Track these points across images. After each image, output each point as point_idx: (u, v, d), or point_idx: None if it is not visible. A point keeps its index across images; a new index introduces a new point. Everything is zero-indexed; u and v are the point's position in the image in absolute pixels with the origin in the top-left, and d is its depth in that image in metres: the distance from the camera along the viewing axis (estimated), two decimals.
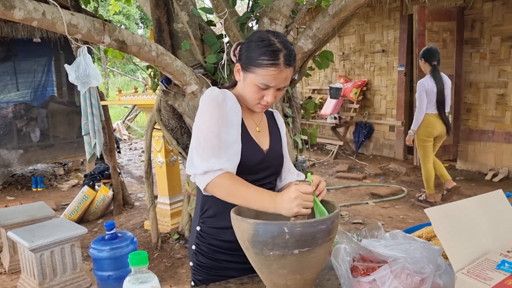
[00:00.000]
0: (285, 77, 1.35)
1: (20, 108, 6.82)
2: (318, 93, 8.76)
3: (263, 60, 1.32)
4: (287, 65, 1.34)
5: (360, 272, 1.19)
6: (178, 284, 3.40)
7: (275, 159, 1.53)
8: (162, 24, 3.19)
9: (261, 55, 1.32)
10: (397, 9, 7.03)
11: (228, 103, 1.39)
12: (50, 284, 3.25)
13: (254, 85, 1.36)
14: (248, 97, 1.41)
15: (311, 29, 3.10)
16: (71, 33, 2.28)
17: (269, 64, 1.32)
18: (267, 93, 1.37)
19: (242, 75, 1.40)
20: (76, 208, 4.90)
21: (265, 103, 1.39)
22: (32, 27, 5.93)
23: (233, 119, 1.38)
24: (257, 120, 1.52)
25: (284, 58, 1.33)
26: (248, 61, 1.36)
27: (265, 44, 1.33)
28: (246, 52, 1.37)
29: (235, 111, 1.39)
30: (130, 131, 12.33)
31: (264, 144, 1.49)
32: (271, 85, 1.35)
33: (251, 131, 1.46)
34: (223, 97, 1.39)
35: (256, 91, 1.37)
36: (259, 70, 1.33)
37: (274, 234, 1.11)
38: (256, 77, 1.34)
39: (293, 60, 1.36)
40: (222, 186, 1.31)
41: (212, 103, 1.37)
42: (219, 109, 1.36)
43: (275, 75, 1.33)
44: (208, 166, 1.31)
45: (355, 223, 4.55)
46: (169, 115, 3.54)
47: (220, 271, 1.47)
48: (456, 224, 1.14)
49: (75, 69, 4.05)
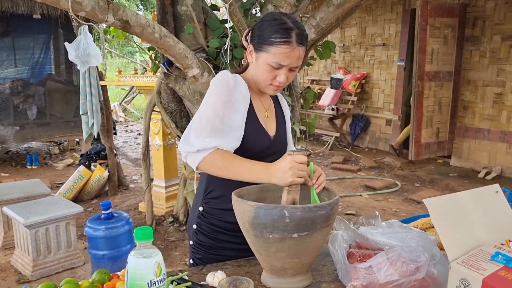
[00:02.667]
0: (297, 56, 1.36)
1: (18, 84, 6.77)
2: (317, 83, 8.76)
3: (276, 38, 1.33)
4: (299, 44, 1.34)
5: (356, 258, 1.22)
6: (171, 266, 3.44)
7: (281, 144, 1.55)
8: (166, 6, 3.17)
9: (274, 33, 1.33)
10: (400, 3, 7.01)
11: (239, 88, 1.39)
12: (44, 261, 3.27)
13: (267, 65, 1.36)
14: (260, 77, 1.41)
15: (315, 18, 3.09)
16: (75, 10, 2.27)
17: (282, 42, 1.32)
18: (280, 72, 1.37)
19: (255, 55, 1.40)
20: (71, 187, 4.90)
21: (277, 83, 1.40)
22: (33, 3, 5.87)
23: (241, 106, 1.39)
24: (266, 105, 1.53)
25: (297, 36, 1.34)
26: (260, 40, 1.37)
27: (278, 23, 1.34)
28: (258, 31, 1.38)
29: (244, 98, 1.40)
30: (127, 113, 12.28)
31: (271, 130, 1.51)
32: (284, 64, 1.35)
33: (260, 117, 1.47)
34: (234, 82, 1.39)
35: (269, 71, 1.37)
36: (272, 48, 1.34)
37: (274, 217, 1.13)
38: (269, 56, 1.35)
39: (305, 39, 1.37)
40: (214, 162, 1.33)
41: (223, 87, 1.38)
42: (228, 93, 1.37)
43: (287, 53, 1.33)
44: (202, 145, 1.32)
45: (348, 214, 4.60)
46: (169, 98, 3.54)
47: (219, 251, 1.50)
48: (453, 215, 1.16)
49: (76, 47, 4.03)
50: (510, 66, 5.71)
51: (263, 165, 1.29)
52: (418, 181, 5.91)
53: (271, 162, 1.41)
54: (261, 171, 1.27)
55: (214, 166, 1.34)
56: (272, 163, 1.27)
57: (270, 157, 1.47)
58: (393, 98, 7.30)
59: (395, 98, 7.25)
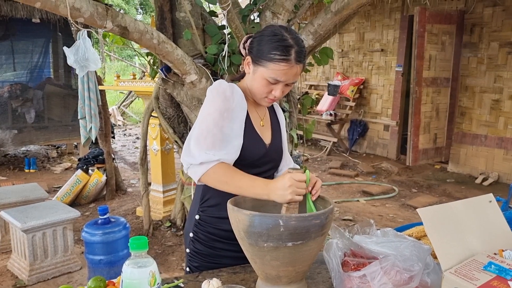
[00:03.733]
0: (295, 73, 1.37)
1: (16, 88, 6.78)
2: (315, 89, 8.78)
3: (275, 55, 1.33)
4: (298, 62, 1.35)
5: (351, 267, 1.22)
6: (168, 271, 3.43)
7: (276, 153, 1.56)
8: (164, 12, 3.19)
9: (273, 49, 1.34)
10: (398, 9, 7.05)
11: (236, 98, 1.40)
12: (40, 265, 3.27)
13: (264, 79, 1.37)
14: (256, 90, 1.42)
15: (313, 25, 3.11)
16: (74, 17, 2.28)
17: (281, 59, 1.33)
18: (276, 87, 1.39)
19: (252, 68, 1.41)
20: (68, 191, 4.90)
21: (272, 97, 1.41)
22: (32, 7, 5.88)
23: (238, 115, 1.40)
24: (261, 114, 1.54)
25: (296, 54, 1.34)
26: (259, 54, 1.37)
27: (278, 39, 1.34)
28: (257, 45, 1.38)
29: (241, 107, 1.41)
30: (125, 117, 12.28)
31: (267, 138, 1.52)
32: (281, 80, 1.36)
33: (256, 125, 1.48)
34: (231, 91, 1.40)
35: (265, 85, 1.38)
36: (270, 64, 1.34)
37: (269, 226, 1.14)
38: (266, 71, 1.36)
39: (303, 57, 1.38)
40: (216, 175, 1.34)
41: (220, 96, 1.39)
42: (226, 102, 1.38)
43: (285, 70, 1.34)
44: (206, 157, 1.33)
45: (345, 219, 4.60)
46: (167, 104, 3.55)
47: (216, 259, 1.50)
48: (447, 225, 1.17)
49: (74, 52, 4.02)
50: (508, 72, 5.74)
51: (263, 181, 1.30)
52: (416, 186, 5.92)
53: (267, 170, 1.42)
54: (261, 187, 1.28)
55: (216, 179, 1.35)
56: (272, 180, 1.28)
57: (266, 165, 1.49)
58: (391, 104, 7.32)
59: (393, 103, 7.27)
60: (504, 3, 5.65)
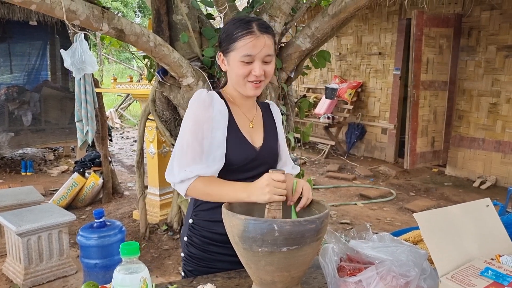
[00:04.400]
0: (264, 44, 1.36)
1: (13, 90, 6.75)
2: (313, 92, 8.77)
3: (238, 33, 1.36)
4: (263, 32, 1.36)
5: (347, 272, 1.21)
6: (164, 275, 3.41)
7: (269, 155, 1.53)
8: (161, 15, 3.17)
9: (235, 29, 1.37)
10: (396, 12, 7.05)
11: (215, 106, 1.40)
12: (35, 269, 3.24)
13: (238, 62, 1.37)
14: (236, 78, 1.40)
15: (310, 28, 3.10)
16: (70, 19, 2.27)
17: (244, 33, 1.35)
18: (253, 66, 1.37)
19: (226, 60, 1.42)
20: (65, 195, 4.88)
21: (254, 78, 1.38)
22: (29, 10, 5.87)
23: (220, 123, 1.40)
24: (250, 116, 1.51)
25: (258, 26, 1.36)
26: (226, 42, 1.39)
27: (236, 21, 1.40)
28: (222, 37, 1.42)
29: (222, 114, 1.41)
30: (123, 120, 12.26)
31: (257, 141, 1.49)
32: (252, 53, 1.35)
33: (244, 129, 1.46)
34: (210, 100, 1.40)
35: (242, 67, 1.37)
36: (237, 43, 1.36)
37: (263, 231, 1.12)
38: (237, 53, 1.36)
39: (267, 28, 1.39)
40: (197, 190, 1.37)
41: (199, 107, 1.39)
42: (205, 113, 1.38)
43: (253, 42, 1.34)
44: (184, 175, 1.35)
45: (343, 223, 4.59)
46: (163, 107, 3.53)
47: (211, 263, 1.49)
48: (443, 229, 1.16)
49: (71, 55, 4.03)
50: (505, 76, 5.74)
51: (243, 185, 1.31)
52: (413, 190, 5.91)
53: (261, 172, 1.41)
54: (240, 190, 1.29)
55: (199, 193, 1.38)
56: (252, 182, 1.28)
57: (258, 168, 1.46)
58: (389, 107, 7.31)
59: (391, 106, 7.27)
60: (502, 6, 5.66)
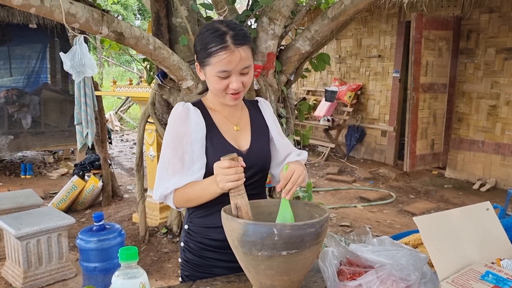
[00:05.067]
0: (239, 58, 1.29)
1: (13, 93, 6.75)
2: (313, 94, 8.78)
3: (212, 48, 1.29)
4: (238, 45, 1.29)
5: (347, 276, 1.21)
6: (164, 278, 3.40)
7: (258, 156, 1.46)
8: (161, 18, 3.18)
9: (208, 43, 1.30)
10: (395, 15, 7.06)
11: (192, 118, 1.39)
12: (35, 272, 3.23)
13: (214, 77, 1.32)
14: (215, 91, 1.37)
15: (310, 31, 3.11)
16: (69, 22, 2.27)
17: (218, 49, 1.28)
18: (231, 80, 1.32)
19: (203, 72, 1.38)
20: (64, 198, 4.87)
21: (232, 91, 1.34)
22: (29, 13, 5.88)
23: (197, 135, 1.39)
24: (234, 119, 1.47)
25: (232, 39, 1.28)
26: (200, 55, 1.35)
27: (211, 32, 1.31)
28: (198, 47, 1.36)
29: (200, 126, 1.39)
30: (122, 123, 12.26)
31: (244, 144, 1.45)
32: (228, 69, 1.30)
33: (227, 134, 1.43)
34: (186, 113, 1.39)
35: (219, 82, 1.32)
36: (211, 59, 1.30)
37: (263, 235, 1.12)
38: (212, 68, 1.31)
39: (243, 38, 1.30)
40: (180, 200, 1.39)
41: (176, 121, 1.40)
42: (183, 127, 1.38)
43: (227, 58, 1.28)
44: (164, 192, 1.38)
45: (343, 225, 4.58)
46: (163, 109, 3.53)
47: (207, 269, 1.48)
48: (443, 233, 1.15)
49: (71, 58, 4.02)
50: (504, 78, 5.75)
51: (209, 179, 1.31)
52: (413, 192, 5.91)
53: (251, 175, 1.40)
54: (210, 185, 1.30)
55: (183, 203, 1.41)
56: None
57: (248, 171, 1.38)
58: (388, 109, 7.32)
59: (390, 109, 7.27)
60: (501, 9, 5.67)
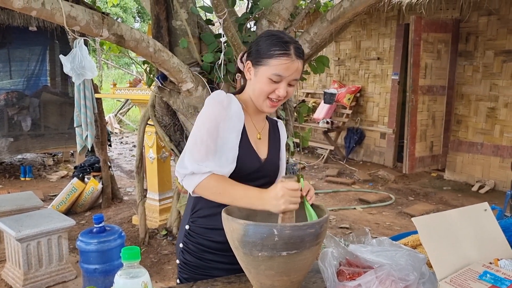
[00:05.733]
0: (296, 68, 1.36)
1: (12, 96, 6.75)
2: (312, 97, 8.80)
3: (275, 51, 1.34)
4: (298, 57, 1.36)
5: (346, 276, 1.22)
6: (164, 280, 3.41)
7: (272, 168, 1.52)
8: (161, 21, 3.19)
9: (273, 46, 1.35)
10: (394, 18, 7.09)
11: (233, 108, 1.39)
12: (35, 274, 3.24)
13: (267, 78, 1.36)
14: (259, 92, 1.39)
15: (309, 33, 3.12)
16: (70, 25, 2.28)
17: (281, 54, 1.33)
18: (280, 86, 1.36)
19: (253, 71, 1.39)
20: (64, 200, 4.87)
21: (275, 97, 1.38)
22: (29, 15, 5.89)
23: (235, 125, 1.38)
24: (259, 127, 1.51)
25: (295, 50, 1.35)
26: (259, 54, 1.37)
27: (276, 37, 1.37)
28: (256, 47, 1.39)
29: (238, 118, 1.39)
30: (122, 125, 12.27)
31: (263, 153, 1.49)
32: (284, 75, 1.35)
33: (252, 138, 1.46)
34: (228, 101, 1.39)
35: (268, 84, 1.36)
36: (271, 60, 1.34)
37: (263, 235, 1.13)
38: (268, 69, 1.35)
39: (302, 53, 1.38)
40: (209, 187, 1.33)
41: (217, 106, 1.37)
42: (223, 112, 1.37)
43: (287, 65, 1.34)
44: (197, 168, 1.32)
45: (342, 227, 4.59)
46: (163, 112, 3.54)
47: (206, 271, 1.48)
48: (442, 234, 1.17)
49: (71, 60, 4.04)
50: (503, 80, 5.77)
51: (257, 191, 1.29)
52: (412, 194, 5.92)
53: (260, 185, 1.40)
54: (255, 198, 1.28)
55: (209, 191, 1.34)
56: (266, 190, 1.27)
57: (260, 180, 1.45)
58: (387, 112, 7.34)
59: (389, 111, 7.29)
60: (499, 12, 5.69)
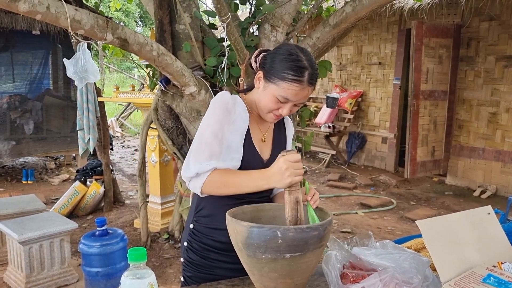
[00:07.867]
0: (305, 95, 1.36)
1: (15, 99, 6.78)
2: (314, 101, 8.81)
3: (289, 75, 1.32)
4: (310, 84, 1.35)
5: (350, 279, 1.22)
6: (165, 283, 3.41)
7: None
8: (164, 25, 3.21)
9: (287, 69, 1.33)
10: (396, 23, 7.11)
11: (237, 110, 1.40)
12: (37, 277, 3.24)
13: (274, 96, 1.36)
14: (264, 106, 1.40)
15: (311, 38, 3.14)
16: (74, 29, 2.30)
17: (293, 80, 1.32)
18: (284, 106, 1.38)
19: (263, 83, 1.40)
20: (66, 203, 4.88)
21: (278, 114, 1.40)
22: (33, 19, 5.93)
23: (239, 127, 1.40)
24: (263, 129, 1.52)
25: (309, 76, 1.33)
26: (272, 71, 1.36)
27: (293, 59, 1.33)
28: (271, 62, 1.37)
29: (243, 119, 1.41)
30: (124, 129, 12.29)
31: (265, 155, 1.50)
32: (291, 100, 1.35)
33: (255, 140, 1.47)
34: (233, 103, 1.40)
35: (274, 102, 1.37)
36: (282, 83, 1.33)
37: (267, 237, 1.13)
38: (277, 89, 1.35)
39: (315, 79, 1.37)
40: (213, 182, 1.34)
41: (221, 107, 1.39)
42: (227, 114, 1.38)
43: (297, 91, 1.33)
44: (200, 168, 1.34)
45: (344, 232, 4.59)
46: (166, 115, 3.56)
47: (210, 270, 1.49)
48: (446, 237, 1.17)
49: (74, 63, 4.06)
50: (504, 86, 5.78)
51: (260, 172, 1.31)
52: (414, 199, 5.91)
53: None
54: (259, 178, 1.29)
55: (215, 186, 1.35)
56: (268, 168, 1.28)
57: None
58: (389, 116, 7.34)
59: (391, 116, 7.29)
60: (500, 17, 5.71)
